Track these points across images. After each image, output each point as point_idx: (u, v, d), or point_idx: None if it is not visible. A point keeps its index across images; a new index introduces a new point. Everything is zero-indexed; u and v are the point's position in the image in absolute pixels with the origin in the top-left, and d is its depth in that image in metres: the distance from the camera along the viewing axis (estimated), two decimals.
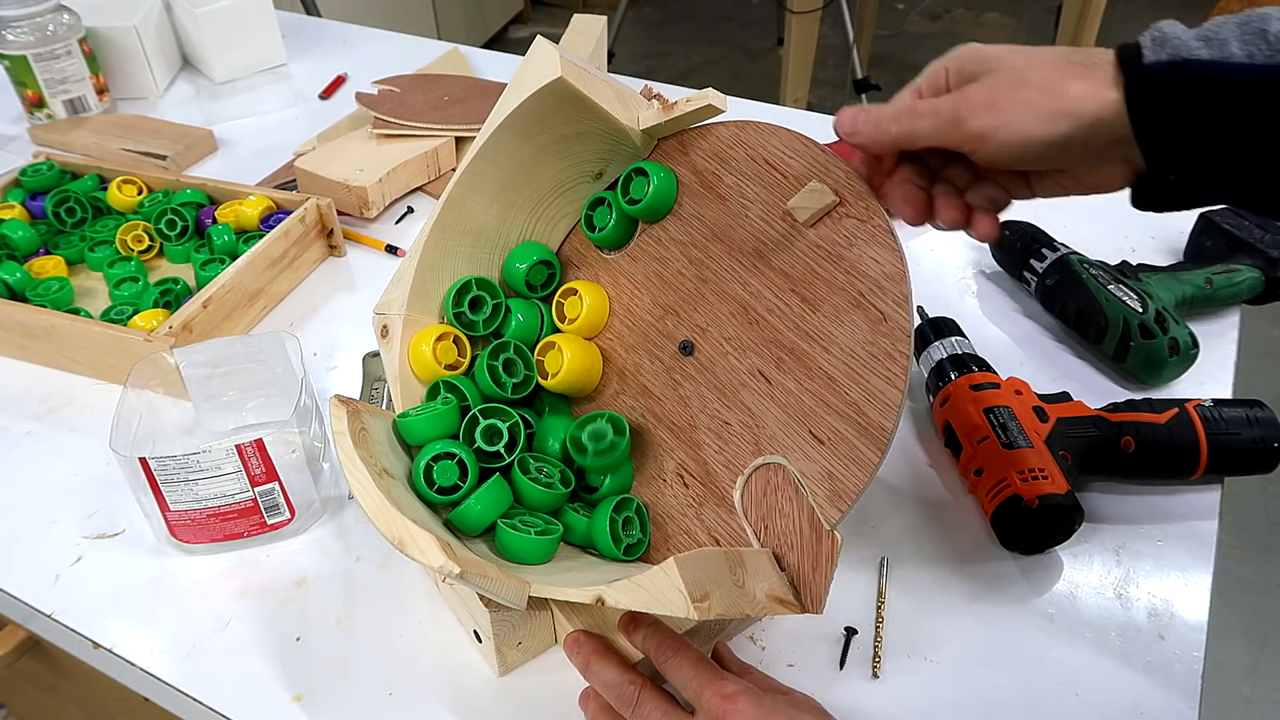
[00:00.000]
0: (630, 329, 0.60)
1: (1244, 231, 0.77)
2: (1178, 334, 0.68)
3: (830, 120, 0.49)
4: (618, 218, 0.59)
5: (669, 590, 0.45)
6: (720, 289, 0.56)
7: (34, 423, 0.72)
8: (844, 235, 0.51)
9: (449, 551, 0.44)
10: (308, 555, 0.61)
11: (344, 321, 0.81)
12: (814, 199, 0.51)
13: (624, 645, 0.51)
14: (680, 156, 0.58)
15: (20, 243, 0.82)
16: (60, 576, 0.60)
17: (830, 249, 0.51)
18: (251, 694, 0.54)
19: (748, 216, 0.55)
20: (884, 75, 2.88)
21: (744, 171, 0.55)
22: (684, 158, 0.58)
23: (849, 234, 0.51)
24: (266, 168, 1.01)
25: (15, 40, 1.02)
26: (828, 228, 0.51)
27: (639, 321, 0.59)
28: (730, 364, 0.55)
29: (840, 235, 0.51)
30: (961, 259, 0.84)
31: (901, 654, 0.54)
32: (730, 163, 0.56)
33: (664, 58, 3.15)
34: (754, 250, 0.54)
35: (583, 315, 0.60)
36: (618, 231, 0.60)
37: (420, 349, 0.58)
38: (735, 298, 0.55)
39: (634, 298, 0.60)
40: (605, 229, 0.60)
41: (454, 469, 0.53)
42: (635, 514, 0.55)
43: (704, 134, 0.57)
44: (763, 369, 0.53)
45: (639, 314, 0.60)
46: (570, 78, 0.54)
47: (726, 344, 0.55)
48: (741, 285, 0.55)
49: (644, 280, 0.59)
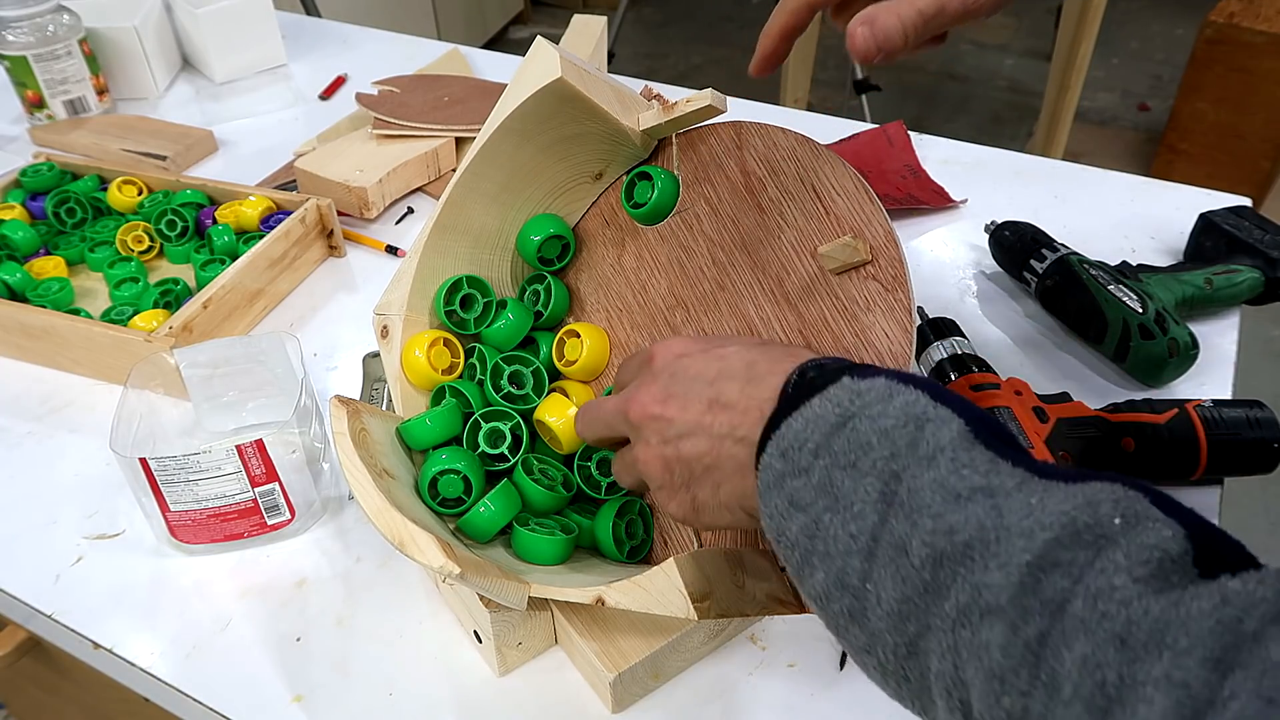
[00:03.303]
0: (640, 308, 0.59)
1: (1244, 232, 0.77)
2: (1178, 334, 0.68)
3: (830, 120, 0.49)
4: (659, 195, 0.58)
5: (669, 590, 0.45)
6: (734, 304, 0.55)
7: (34, 423, 0.72)
8: (864, 297, 0.49)
9: (449, 552, 0.44)
10: (308, 555, 0.61)
11: (344, 322, 0.81)
12: (846, 252, 0.49)
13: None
14: (734, 151, 0.56)
15: (20, 243, 0.83)
16: (60, 577, 0.60)
17: (848, 306, 0.50)
18: (251, 694, 0.54)
19: (780, 239, 0.53)
20: (884, 75, 2.89)
21: (789, 190, 0.53)
22: (737, 153, 0.56)
23: (869, 298, 0.49)
24: (267, 168, 1.01)
25: (15, 41, 1.02)
26: (852, 283, 0.50)
27: (650, 303, 0.59)
28: None
29: (861, 296, 0.49)
30: (962, 259, 0.84)
31: None
32: (780, 175, 0.54)
33: (664, 58, 3.15)
34: (776, 277, 0.53)
35: (583, 358, 0.60)
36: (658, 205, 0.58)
37: (413, 355, 0.58)
38: (745, 318, 0.54)
39: (652, 276, 0.59)
40: (645, 205, 0.58)
41: (459, 483, 0.53)
42: (639, 515, 0.56)
43: (764, 135, 0.55)
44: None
45: (652, 295, 0.59)
46: (570, 78, 0.54)
47: None
48: (755, 307, 0.54)
49: (666, 263, 0.59)
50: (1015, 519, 0.32)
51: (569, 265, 0.63)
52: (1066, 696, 0.29)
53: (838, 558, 0.36)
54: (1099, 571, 0.30)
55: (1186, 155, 2.31)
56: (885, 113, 2.39)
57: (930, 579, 0.33)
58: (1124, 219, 0.87)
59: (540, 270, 0.62)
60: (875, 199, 0.50)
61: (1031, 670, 0.30)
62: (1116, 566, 0.30)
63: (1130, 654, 0.28)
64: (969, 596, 0.31)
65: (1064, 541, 0.31)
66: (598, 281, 0.62)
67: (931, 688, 0.33)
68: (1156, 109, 2.71)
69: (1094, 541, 0.30)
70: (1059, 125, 2.11)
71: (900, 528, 0.34)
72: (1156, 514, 0.31)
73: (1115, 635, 0.28)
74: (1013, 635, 0.30)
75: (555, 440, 0.57)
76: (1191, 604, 0.28)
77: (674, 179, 0.58)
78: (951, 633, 0.32)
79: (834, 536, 0.36)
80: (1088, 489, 0.32)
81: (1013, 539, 0.31)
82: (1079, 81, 2.05)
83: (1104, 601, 0.29)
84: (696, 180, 0.58)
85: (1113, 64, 2.94)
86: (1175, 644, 0.27)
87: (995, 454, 0.35)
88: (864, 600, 0.35)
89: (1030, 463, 0.34)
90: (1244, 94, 2.17)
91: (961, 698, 0.32)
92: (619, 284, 0.61)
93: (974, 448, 0.35)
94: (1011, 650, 0.30)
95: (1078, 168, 0.95)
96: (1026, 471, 0.34)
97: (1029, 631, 0.30)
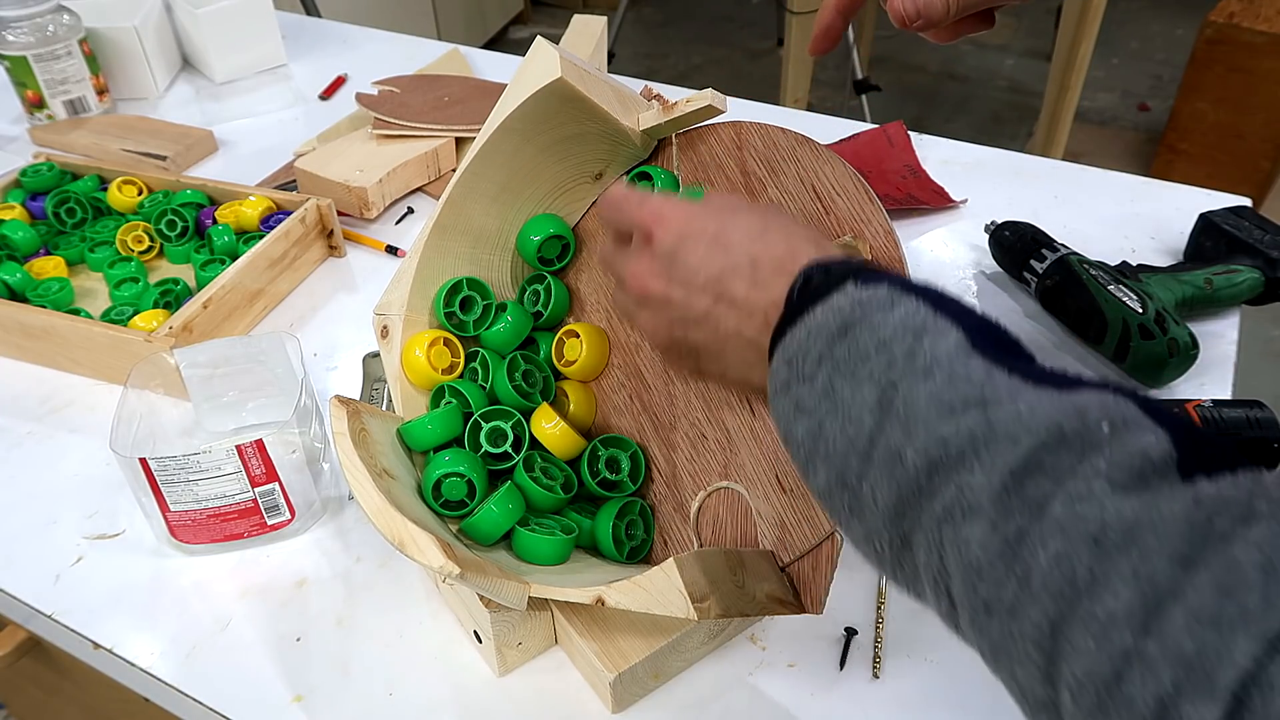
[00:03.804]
0: None
1: (1244, 232, 0.77)
2: (1177, 334, 0.68)
3: (830, 120, 0.50)
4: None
5: (669, 591, 0.45)
6: None
7: (34, 423, 0.72)
8: None
9: (449, 552, 0.44)
10: (308, 556, 0.61)
11: (344, 322, 0.81)
12: (846, 252, 0.49)
13: None
14: (734, 151, 0.56)
15: (20, 243, 0.83)
16: (61, 577, 0.60)
17: None
18: (251, 694, 0.54)
19: None
20: (884, 75, 2.89)
21: (790, 190, 0.54)
22: (737, 153, 0.56)
23: None
24: (267, 168, 1.01)
25: (15, 41, 1.02)
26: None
27: None
28: None
29: None
30: (962, 259, 0.84)
31: (901, 654, 0.54)
32: (780, 176, 0.54)
33: (664, 58, 3.15)
34: None
35: (582, 358, 0.60)
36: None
37: (414, 355, 0.58)
38: None
39: None
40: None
41: (462, 485, 0.53)
42: (639, 516, 0.56)
43: (764, 135, 0.55)
44: (750, 397, 0.53)
45: None
46: (570, 78, 0.54)
47: None
48: None
49: None
50: (1004, 426, 0.33)
51: (569, 265, 0.63)
52: (1036, 587, 0.30)
53: (837, 459, 0.38)
54: (1080, 477, 0.31)
55: (1186, 155, 2.31)
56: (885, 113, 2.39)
57: (924, 484, 0.35)
58: (1124, 219, 0.87)
59: (540, 270, 0.62)
60: (875, 199, 0.50)
61: (1007, 564, 0.31)
62: (1097, 471, 0.31)
63: (1102, 551, 0.29)
64: (954, 496, 0.33)
65: (1050, 446, 0.32)
66: (598, 281, 0.62)
67: (921, 577, 0.36)
68: (1156, 109, 2.71)
69: (1080, 447, 0.31)
70: (1059, 125, 2.11)
71: (896, 437, 0.36)
72: (1144, 420, 0.32)
73: (1089, 535, 0.30)
74: (992, 532, 0.32)
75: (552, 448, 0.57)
76: (1164, 506, 0.29)
77: (674, 179, 0.58)
78: (937, 529, 0.34)
79: (833, 440, 0.38)
80: (1079, 397, 0.33)
81: (1000, 443, 0.33)
82: (1079, 81, 2.05)
83: (1082, 504, 0.30)
84: (696, 180, 0.58)
85: (1113, 64, 2.94)
86: (1144, 542, 0.29)
87: (991, 362, 0.36)
88: (860, 498, 0.37)
89: (1026, 370, 0.35)
90: (1244, 94, 2.17)
91: (946, 586, 0.34)
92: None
93: (970, 358, 0.36)
94: (990, 546, 0.32)
95: (1078, 168, 0.95)
96: (1021, 380, 0.35)
97: (1008, 529, 0.32)
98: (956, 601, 0.34)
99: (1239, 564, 0.27)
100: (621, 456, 0.57)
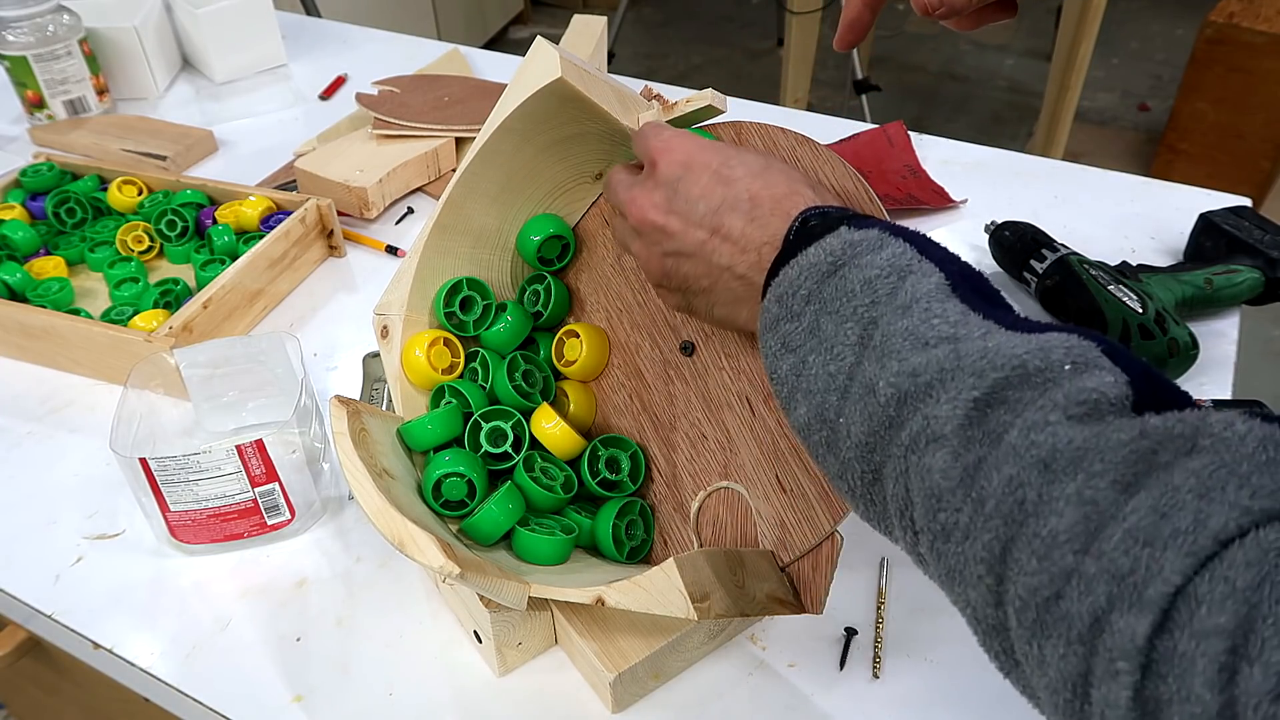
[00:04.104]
0: (640, 307, 0.59)
1: (1244, 232, 0.77)
2: (1177, 334, 0.68)
3: (830, 120, 0.50)
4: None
5: (669, 591, 0.45)
6: None
7: (34, 423, 0.72)
8: None
9: (449, 552, 0.44)
10: (308, 556, 0.61)
11: (344, 322, 0.81)
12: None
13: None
14: None
15: (20, 243, 0.83)
16: (61, 577, 0.60)
17: None
18: (251, 694, 0.54)
19: None
20: (884, 75, 2.89)
21: None
22: None
23: None
24: (267, 168, 1.01)
25: (15, 41, 1.02)
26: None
27: (650, 302, 0.59)
28: (723, 380, 0.54)
29: None
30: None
31: (901, 654, 0.54)
32: None
33: (664, 58, 3.15)
34: None
35: (582, 358, 0.59)
36: None
37: (414, 355, 0.58)
38: None
39: None
40: None
41: (462, 486, 0.53)
42: (639, 516, 0.56)
43: (764, 135, 0.55)
44: (750, 397, 0.53)
45: (652, 294, 0.59)
46: (570, 78, 0.54)
47: (725, 359, 0.55)
48: None
49: None
50: (971, 360, 0.34)
51: (569, 265, 0.63)
52: (989, 511, 0.32)
53: (817, 394, 0.39)
54: (1037, 408, 0.32)
55: (1186, 155, 2.31)
56: (885, 113, 2.39)
57: (894, 415, 0.36)
58: (1124, 219, 0.87)
59: (540, 270, 0.62)
60: (875, 199, 0.50)
61: (965, 490, 0.33)
62: (1054, 404, 0.32)
63: (1050, 475, 0.31)
64: (920, 426, 0.35)
65: (1013, 381, 0.33)
66: (598, 281, 0.62)
67: (889, 508, 0.37)
68: (1156, 109, 2.71)
69: (1041, 384, 0.33)
70: (1059, 125, 2.11)
71: (870, 369, 0.37)
72: (1105, 363, 0.33)
73: (1040, 460, 0.31)
74: (953, 461, 0.33)
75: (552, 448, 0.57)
76: (1112, 434, 0.31)
77: None
78: (903, 458, 0.35)
79: (815, 375, 0.39)
80: (1044, 337, 0.34)
81: (965, 377, 0.34)
82: (1079, 81, 2.05)
83: (1036, 432, 0.32)
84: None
85: (1113, 64, 2.94)
86: (1090, 467, 0.30)
87: (969, 306, 0.37)
88: (837, 432, 0.38)
89: (1001, 316, 0.37)
90: (1244, 94, 2.17)
91: (910, 515, 0.36)
92: (619, 284, 0.61)
93: (949, 300, 0.37)
94: (950, 473, 0.33)
95: (1078, 168, 0.95)
96: (995, 324, 0.36)
97: (969, 458, 0.33)
98: (919, 529, 0.35)
99: (1176, 489, 0.28)
100: (621, 456, 0.57)
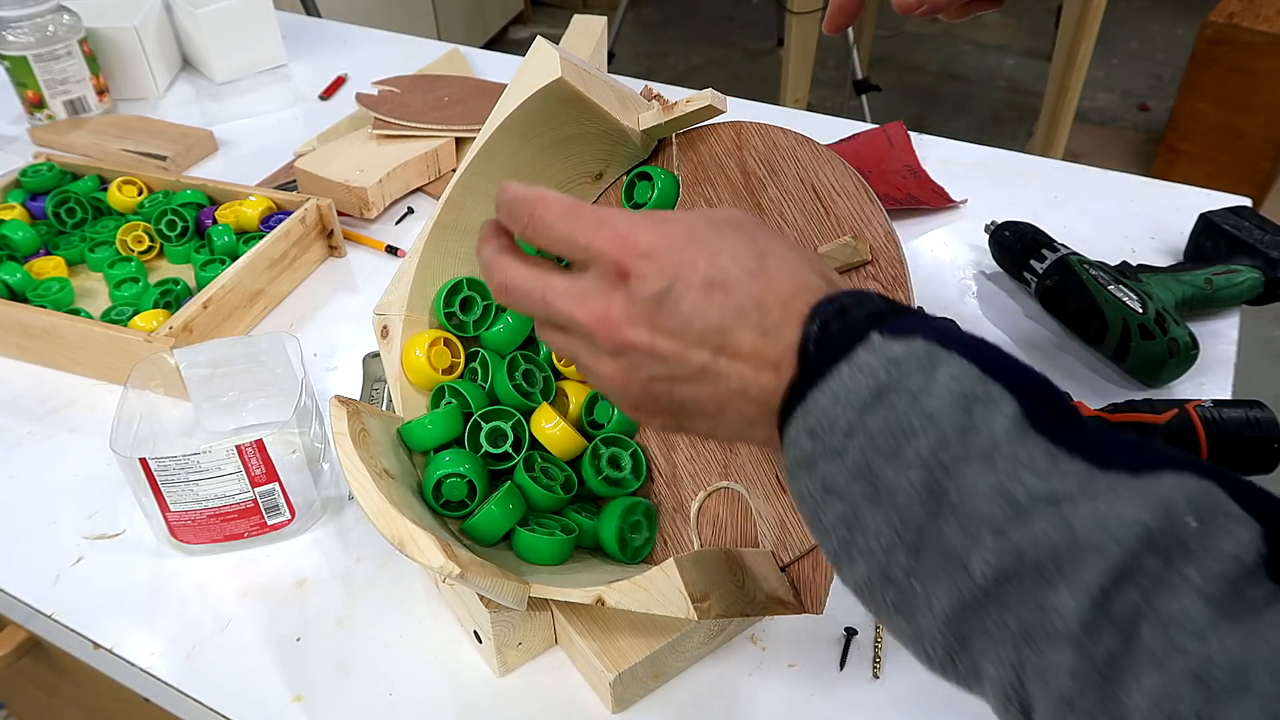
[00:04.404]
0: None
1: (1244, 232, 0.77)
2: (1177, 334, 0.68)
3: (830, 120, 0.50)
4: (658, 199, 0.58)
5: (669, 591, 0.45)
6: None
7: (34, 423, 0.72)
8: None
9: (449, 552, 0.44)
10: (308, 556, 0.61)
11: (344, 322, 0.81)
12: (846, 253, 0.49)
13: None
14: (734, 151, 0.56)
15: (20, 243, 0.83)
16: (61, 577, 0.60)
17: None
18: (251, 694, 0.54)
19: None
20: (884, 75, 2.89)
21: (789, 190, 0.53)
22: (737, 153, 0.56)
23: None
24: (267, 168, 1.01)
25: (15, 41, 1.02)
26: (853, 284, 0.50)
27: None
28: None
29: None
30: (962, 259, 0.84)
31: (902, 654, 0.54)
32: (780, 176, 0.54)
33: (664, 58, 3.15)
34: None
35: None
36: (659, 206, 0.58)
37: (414, 355, 0.58)
38: None
39: None
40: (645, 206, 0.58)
41: (463, 486, 0.53)
42: (644, 516, 0.56)
43: (764, 135, 0.55)
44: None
45: None
46: (570, 78, 0.54)
47: None
48: None
49: None
50: (1085, 531, 0.29)
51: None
52: None
53: (880, 553, 0.33)
54: (1170, 590, 0.28)
55: (1186, 155, 2.31)
56: (885, 113, 2.39)
57: (993, 593, 0.31)
58: (1124, 219, 0.87)
59: None
60: (875, 199, 0.50)
61: (1099, 693, 0.28)
62: (1188, 585, 0.28)
63: (1208, 692, 0.26)
64: (1035, 617, 0.30)
65: (1137, 551, 0.29)
66: None
67: (983, 682, 0.32)
68: (1156, 109, 2.71)
69: (1167, 551, 0.28)
70: (1059, 125, 2.11)
71: (954, 537, 0.31)
72: (1232, 508, 0.29)
73: (1191, 672, 0.27)
74: (1080, 658, 0.29)
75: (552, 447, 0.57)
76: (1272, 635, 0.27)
77: (674, 179, 0.58)
78: (1014, 648, 0.30)
79: (876, 531, 0.33)
80: (1160, 486, 0.30)
81: (1085, 556, 0.29)
82: (1079, 81, 2.05)
83: (1177, 631, 0.27)
84: (696, 180, 0.58)
85: (1113, 64, 2.94)
86: (1259, 685, 0.26)
87: (1051, 442, 0.32)
88: (911, 599, 0.33)
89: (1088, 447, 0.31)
90: (1244, 94, 2.17)
91: (1022, 702, 0.31)
92: None
93: (1031, 440, 0.32)
94: (1079, 673, 0.29)
95: (1078, 168, 0.95)
96: (1087, 463, 0.31)
97: (1097, 652, 0.29)
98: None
99: None
100: (622, 455, 0.57)
